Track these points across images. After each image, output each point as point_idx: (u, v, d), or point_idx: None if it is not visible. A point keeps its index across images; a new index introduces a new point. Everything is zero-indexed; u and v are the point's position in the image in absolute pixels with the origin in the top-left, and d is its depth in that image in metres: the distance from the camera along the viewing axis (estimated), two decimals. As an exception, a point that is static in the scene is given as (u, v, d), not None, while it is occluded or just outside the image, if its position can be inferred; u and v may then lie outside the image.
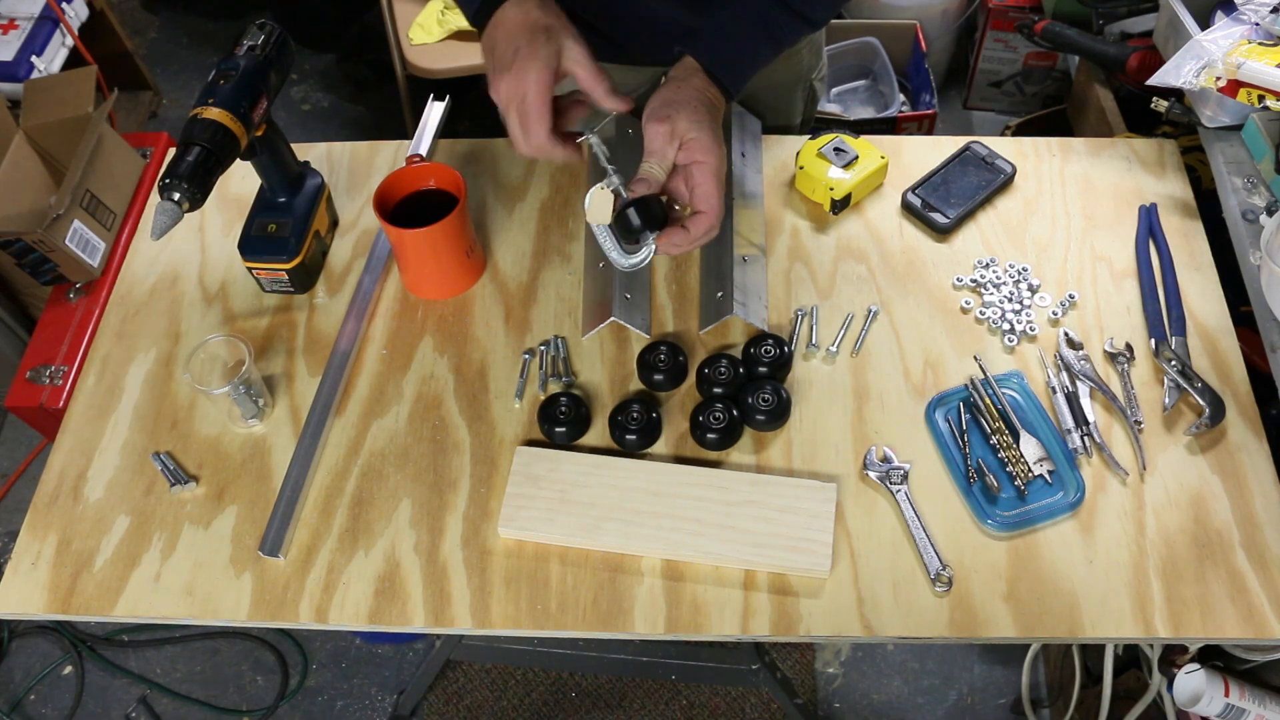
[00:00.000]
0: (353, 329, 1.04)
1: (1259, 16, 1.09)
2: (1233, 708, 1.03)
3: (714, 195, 0.91)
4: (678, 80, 0.93)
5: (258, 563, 0.91)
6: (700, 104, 0.91)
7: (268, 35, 0.97)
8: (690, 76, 0.93)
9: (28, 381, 1.55)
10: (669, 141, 0.90)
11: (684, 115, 0.90)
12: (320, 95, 2.72)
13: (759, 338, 0.99)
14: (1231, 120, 1.14)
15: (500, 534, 0.91)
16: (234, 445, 0.98)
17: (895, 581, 0.88)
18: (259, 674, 1.82)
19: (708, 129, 0.90)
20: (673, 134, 0.90)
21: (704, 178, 0.90)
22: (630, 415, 0.95)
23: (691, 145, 0.90)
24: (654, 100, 0.92)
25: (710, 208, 0.91)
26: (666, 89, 0.93)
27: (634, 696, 1.74)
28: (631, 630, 0.87)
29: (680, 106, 0.90)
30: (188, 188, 0.88)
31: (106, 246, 1.60)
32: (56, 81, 1.72)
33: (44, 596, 0.90)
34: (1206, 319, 1.02)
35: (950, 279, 1.07)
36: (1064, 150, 1.17)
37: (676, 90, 0.92)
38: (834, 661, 1.78)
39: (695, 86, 0.92)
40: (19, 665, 1.84)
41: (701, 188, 0.91)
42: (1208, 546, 0.89)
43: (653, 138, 0.90)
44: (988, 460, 0.93)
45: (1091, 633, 0.85)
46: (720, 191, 0.91)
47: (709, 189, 0.90)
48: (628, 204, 0.90)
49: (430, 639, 1.79)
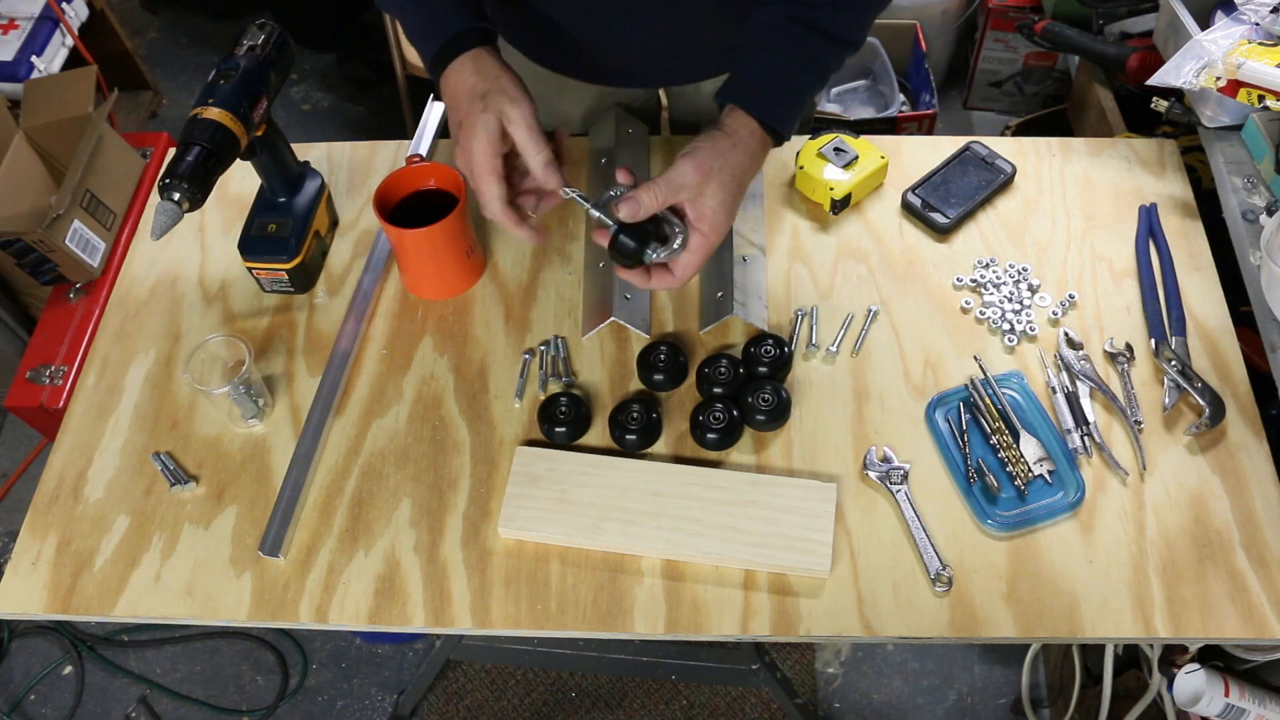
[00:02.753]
0: (353, 329, 1.04)
1: (1259, 16, 1.09)
2: (1233, 708, 1.03)
3: (692, 266, 0.89)
4: (731, 134, 0.89)
5: (258, 563, 0.91)
6: (739, 173, 0.88)
7: (268, 35, 0.97)
8: (740, 130, 0.89)
9: (28, 381, 1.55)
10: (686, 194, 0.87)
11: (717, 182, 0.87)
12: (320, 95, 2.72)
13: (759, 338, 0.99)
14: (1231, 120, 1.14)
15: (500, 534, 0.91)
16: (234, 445, 0.98)
17: (895, 581, 0.88)
18: (259, 674, 1.82)
19: (728, 209, 0.88)
20: (697, 192, 0.87)
21: (694, 247, 0.88)
22: (630, 415, 0.95)
23: (703, 214, 0.87)
24: (704, 145, 0.88)
25: (679, 275, 0.89)
26: (720, 141, 0.88)
27: (634, 696, 1.74)
28: (631, 630, 0.87)
29: (721, 170, 0.87)
30: (188, 188, 0.88)
31: (106, 246, 1.60)
32: (56, 81, 1.72)
33: (44, 596, 0.90)
34: (1206, 319, 1.02)
35: (950, 279, 1.07)
36: (1064, 150, 1.17)
37: (730, 148, 0.88)
38: (834, 661, 1.78)
39: (748, 148, 0.89)
40: (19, 665, 1.84)
41: (685, 256, 0.88)
42: (1208, 546, 0.89)
43: (680, 177, 0.86)
44: (988, 460, 0.93)
45: (1091, 633, 0.85)
46: (698, 267, 0.89)
47: (691, 260, 0.88)
48: (617, 231, 0.88)
49: (430, 639, 1.79)
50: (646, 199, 0.86)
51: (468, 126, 0.87)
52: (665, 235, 0.89)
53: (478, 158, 0.86)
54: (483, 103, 0.87)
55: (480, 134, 0.86)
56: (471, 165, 0.87)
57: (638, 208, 0.86)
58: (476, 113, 0.86)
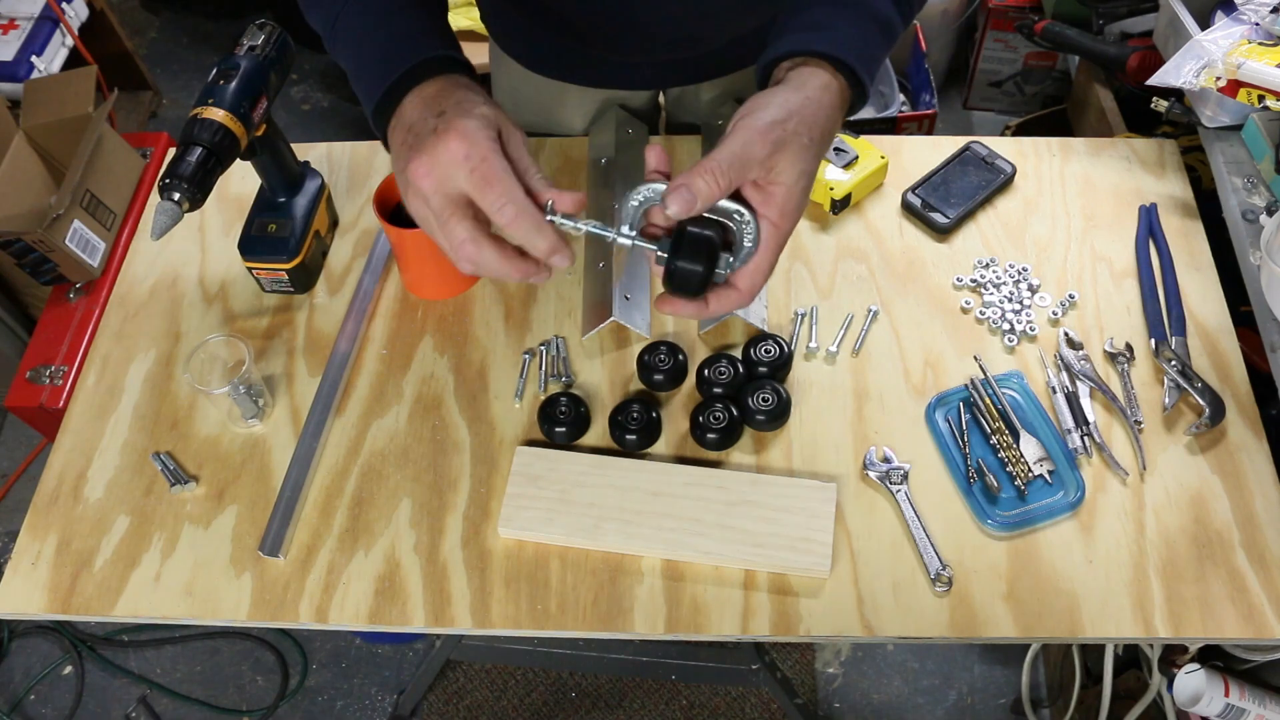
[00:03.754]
0: (353, 329, 1.04)
1: (1259, 16, 1.09)
2: (1233, 708, 1.03)
3: (762, 272, 0.68)
4: (800, 88, 0.68)
5: (258, 563, 0.91)
6: (818, 136, 0.67)
7: (268, 35, 0.97)
8: (810, 82, 0.68)
9: (28, 381, 1.55)
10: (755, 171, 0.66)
11: (792, 151, 0.66)
12: (320, 95, 2.72)
13: (759, 338, 0.99)
14: (1231, 120, 1.14)
15: (500, 534, 0.91)
16: (234, 445, 0.98)
17: (895, 581, 0.88)
18: (259, 674, 1.82)
19: (805, 187, 0.67)
20: (768, 166, 0.65)
21: (767, 243, 0.68)
22: (630, 415, 0.95)
23: (774, 196, 0.66)
24: (768, 103, 0.67)
25: (745, 288, 0.69)
26: (789, 95, 0.67)
27: (634, 696, 1.74)
28: (631, 630, 0.87)
29: (796, 134, 0.65)
30: (188, 188, 0.88)
31: (106, 246, 1.60)
32: (56, 81, 1.72)
33: (44, 596, 0.90)
34: (1206, 319, 1.02)
35: (950, 279, 1.07)
36: (1064, 150, 1.17)
37: (802, 103, 0.66)
38: (834, 661, 1.78)
39: (823, 103, 0.68)
40: (19, 665, 1.84)
41: (755, 260, 0.68)
42: (1208, 546, 0.89)
43: (746, 149, 0.65)
44: (988, 460, 0.93)
45: (1091, 633, 0.85)
46: (770, 271, 0.69)
47: (761, 263, 0.68)
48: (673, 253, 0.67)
49: (430, 639, 1.79)
50: (704, 185, 0.64)
51: (428, 199, 0.65)
52: (730, 239, 0.69)
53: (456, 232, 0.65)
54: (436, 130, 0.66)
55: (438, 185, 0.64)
56: (457, 251, 0.67)
57: (693, 199, 0.64)
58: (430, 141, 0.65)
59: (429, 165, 0.65)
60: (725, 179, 0.64)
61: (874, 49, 0.73)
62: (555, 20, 1.05)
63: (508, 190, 0.64)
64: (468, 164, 0.64)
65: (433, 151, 0.64)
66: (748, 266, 0.68)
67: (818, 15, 0.72)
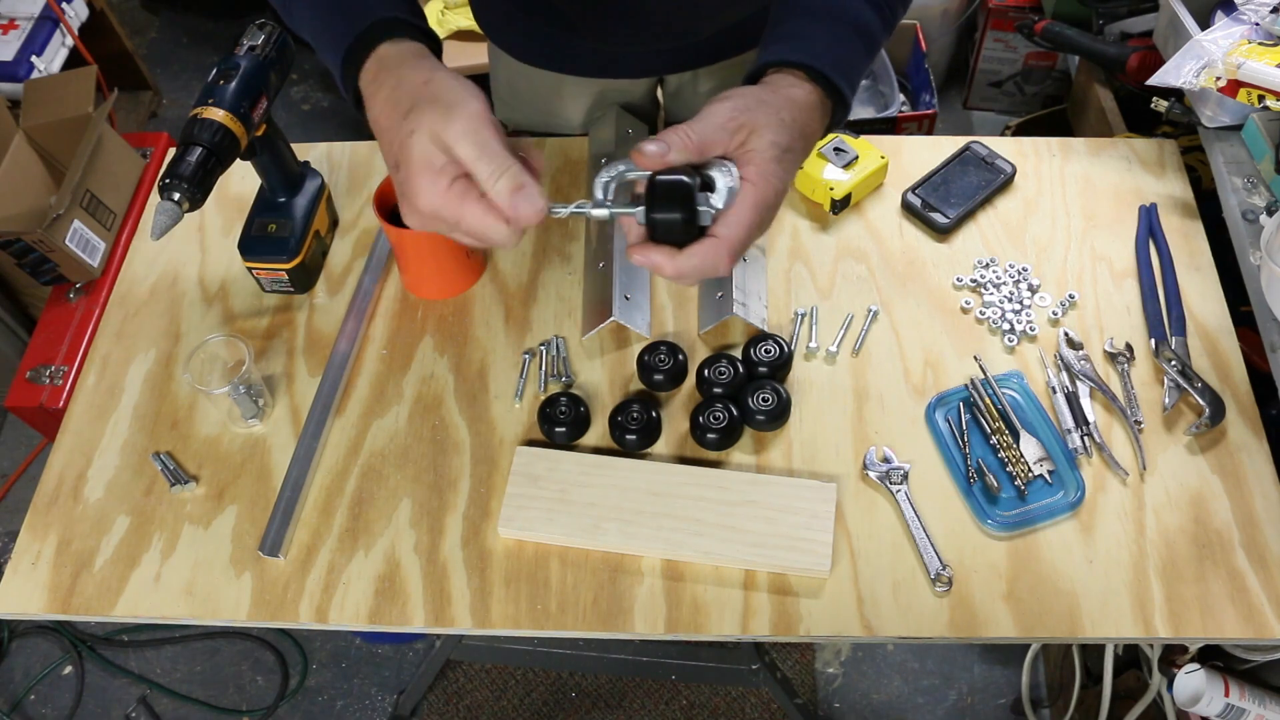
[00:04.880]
0: (353, 329, 1.04)
1: (1259, 16, 1.09)
2: (1233, 708, 1.03)
3: (743, 224, 0.68)
4: (779, 90, 0.72)
5: (258, 563, 0.91)
6: (799, 121, 0.71)
7: (268, 35, 0.97)
8: (792, 90, 0.72)
9: (28, 381, 1.55)
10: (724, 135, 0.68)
11: (767, 123, 0.69)
12: (320, 95, 2.72)
13: (759, 338, 0.99)
14: (1231, 120, 1.14)
15: (500, 534, 0.91)
16: (234, 445, 0.98)
17: (895, 581, 0.88)
18: (259, 674, 1.82)
19: (779, 157, 0.69)
20: (743, 135, 0.69)
21: (745, 199, 0.69)
22: (630, 415, 0.95)
23: (750, 157, 0.69)
24: (746, 91, 0.72)
25: (725, 235, 0.68)
26: (760, 87, 0.72)
27: (634, 696, 1.74)
28: (631, 630, 0.87)
29: (775, 110, 0.69)
30: (188, 188, 0.88)
31: (106, 246, 1.61)
32: (56, 81, 1.73)
33: (44, 596, 0.90)
34: (1206, 319, 1.02)
35: (950, 279, 1.07)
36: (1064, 150, 1.17)
37: (784, 102, 0.70)
38: (834, 661, 1.78)
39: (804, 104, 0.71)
40: (19, 665, 1.84)
41: (734, 212, 0.69)
42: (1208, 546, 0.89)
43: (715, 115, 0.69)
44: (988, 460, 0.93)
45: (1091, 633, 0.85)
46: (752, 226, 0.69)
47: (742, 215, 0.68)
48: (651, 204, 0.68)
49: (430, 639, 1.79)
50: (676, 139, 0.68)
51: (403, 166, 0.68)
52: (710, 180, 0.69)
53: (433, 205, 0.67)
54: (409, 122, 0.68)
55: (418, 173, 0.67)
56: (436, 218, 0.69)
57: (665, 147, 0.67)
58: (404, 139, 0.68)
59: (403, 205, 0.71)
60: (695, 137, 0.68)
61: (852, 56, 0.77)
62: (543, 8, 1.05)
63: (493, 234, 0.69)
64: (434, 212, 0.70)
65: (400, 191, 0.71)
66: (727, 215, 0.69)
67: (795, 26, 0.76)
